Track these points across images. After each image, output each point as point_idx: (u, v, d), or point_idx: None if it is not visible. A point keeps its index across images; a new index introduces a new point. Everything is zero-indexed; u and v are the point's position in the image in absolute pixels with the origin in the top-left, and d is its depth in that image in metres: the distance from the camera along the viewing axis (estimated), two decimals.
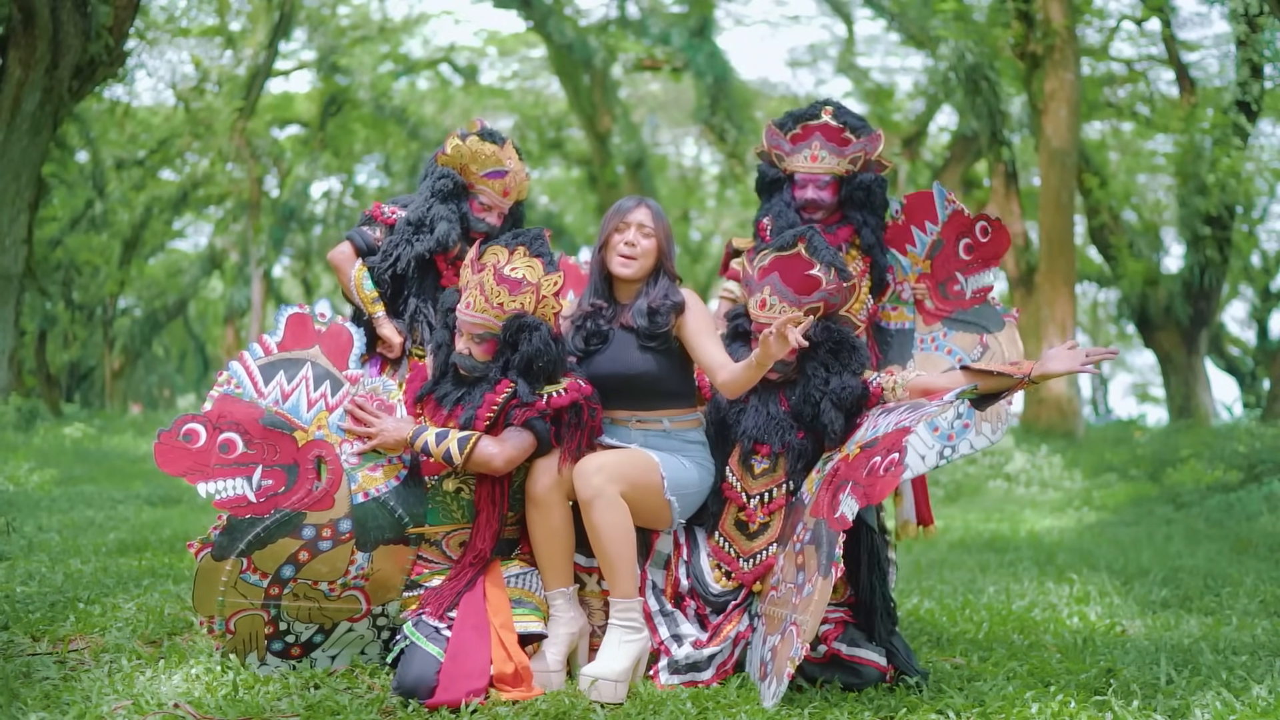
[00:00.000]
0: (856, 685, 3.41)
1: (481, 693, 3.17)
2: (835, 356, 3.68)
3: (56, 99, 13.15)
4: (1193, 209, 16.79)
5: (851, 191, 4.08)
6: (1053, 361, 3.35)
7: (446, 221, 4.08)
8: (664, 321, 3.65)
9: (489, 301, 3.54)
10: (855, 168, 4.10)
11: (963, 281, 3.96)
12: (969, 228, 3.95)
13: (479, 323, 3.53)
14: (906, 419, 3.32)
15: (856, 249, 4.09)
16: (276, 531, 3.41)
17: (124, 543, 5.87)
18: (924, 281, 4.03)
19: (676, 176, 30.29)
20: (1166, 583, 5.67)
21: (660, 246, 3.75)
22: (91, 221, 24.76)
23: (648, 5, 23.23)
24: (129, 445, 13.14)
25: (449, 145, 4.20)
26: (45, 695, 3.03)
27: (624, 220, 3.75)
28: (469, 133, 4.23)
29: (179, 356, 41.07)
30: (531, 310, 3.55)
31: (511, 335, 3.53)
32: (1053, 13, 15.31)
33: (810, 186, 4.08)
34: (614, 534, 3.40)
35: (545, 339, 3.53)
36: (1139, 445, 13.78)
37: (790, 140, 4.15)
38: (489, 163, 4.18)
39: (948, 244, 3.99)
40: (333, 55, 25.29)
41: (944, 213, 4.01)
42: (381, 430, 3.50)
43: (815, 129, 4.13)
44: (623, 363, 3.65)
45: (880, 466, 3.20)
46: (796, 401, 3.65)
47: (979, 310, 3.90)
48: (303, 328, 3.62)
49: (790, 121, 4.20)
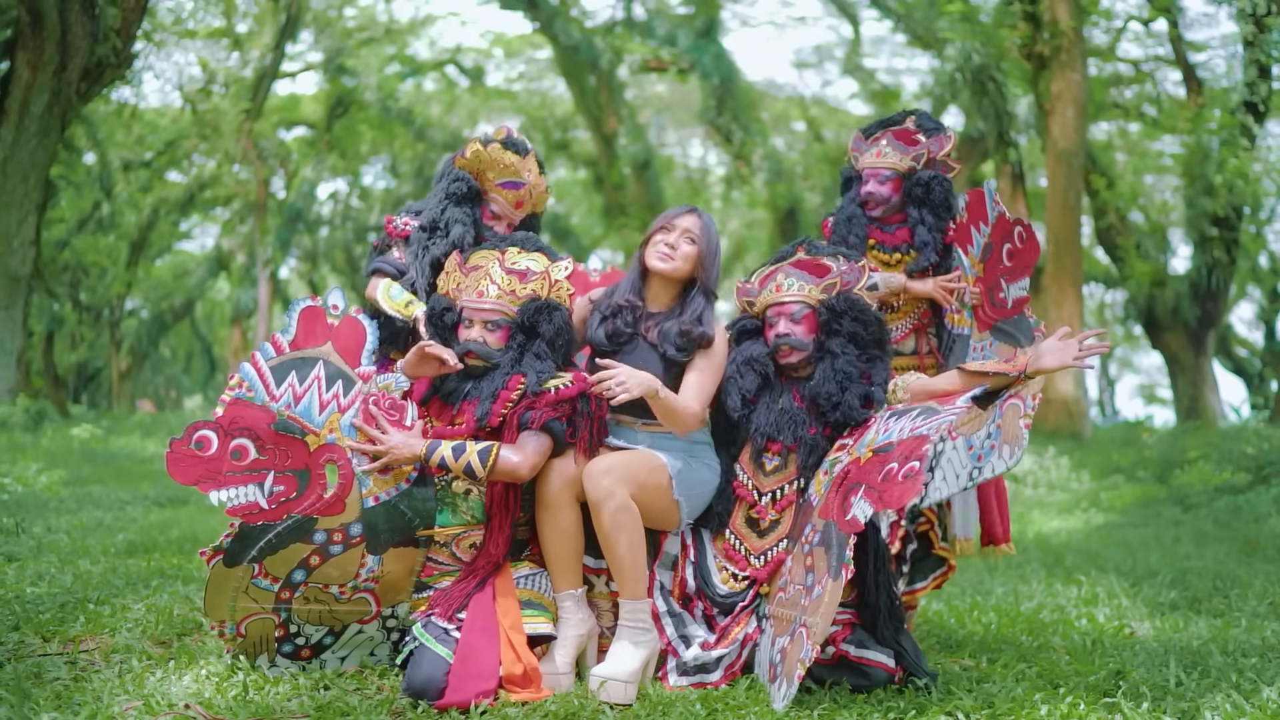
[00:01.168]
0: (865, 687, 3.40)
1: (490, 694, 3.17)
2: (864, 327, 3.68)
3: (64, 101, 13.19)
4: (1200, 210, 16.74)
5: (911, 188, 4.14)
6: (1046, 357, 3.29)
7: (461, 224, 4.04)
8: (689, 349, 3.68)
9: (502, 289, 3.59)
10: (918, 165, 4.15)
11: (1005, 289, 3.91)
12: (1010, 232, 3.90)
13: (493, 308, 3.58)
14: (922, 426, 3.30)
15: (915, 249, 4.12)
16: (288, 537, 3.40)
17: (133, 544, 5.88)
18: (978, 285, 4.01)
19: (683, 178, 30.26)
20: (1175, 584, 5.66)
21: (701, 256, 3.75)
22: (99, 223, 24.84)
23: (654, 6, 23.23)
24: (136, 446, 13.16)
25: (469, 150, 4.16)
26: (56, 696, 3.04)
27: (672, 222, 3.78)
28: (493, 139, 4.19)
29: (186, 358, 41.15)
30: (546, 294, 3.61)
31: (530, 318, 3.57)
32: (1059, 13, 15.29)
33: (872, 181, 4.16)
34: (624, 535, 3.41)
35: (565, 319, 3.61)
36: (1147, 447, 13.74)
37: (868, 141, 4.23)
38: (506, 173, 4.15)
39: (995, 248, 3.93)
40: (339, 57, 25.32)
41: (992, 214, 3.97)
42: (392, 446, 3.46)
43: (891, 130, 4.24)
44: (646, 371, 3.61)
45: (898, 473, 3.18)
46: (818, 383, 3.65)
47: (1017, 321, 3.85)
48: (316, 322, 3.57)
49: (875, 127, 4.32)
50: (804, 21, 32.69)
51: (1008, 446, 3.19)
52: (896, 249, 4.17)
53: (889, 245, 4.18)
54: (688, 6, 22.84)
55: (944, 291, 4.06)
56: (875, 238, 4.20)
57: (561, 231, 26.25)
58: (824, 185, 22.11)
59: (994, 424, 3.23)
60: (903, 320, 4.19)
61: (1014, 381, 3.37)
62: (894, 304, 4.17)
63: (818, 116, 27.06)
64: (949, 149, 4.20)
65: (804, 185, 22.08)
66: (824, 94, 29.18)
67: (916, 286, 4.10)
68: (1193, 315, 17.81)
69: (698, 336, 3.68)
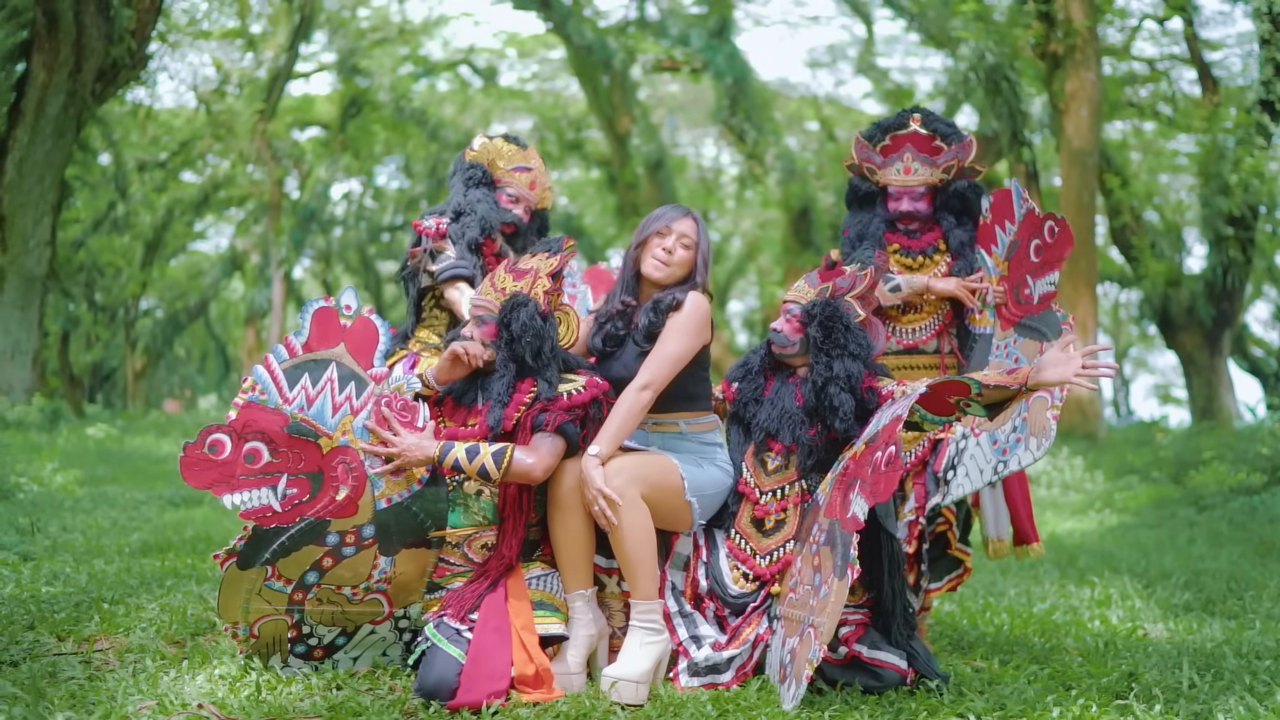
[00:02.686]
0: (876, 688, 3.40)
1: (502, 694, 3.18)
2: (828, 335, 3.65)
3: (80, 102, 13.26)
4: (1215, 209, 16.66)
5: (947, 200, 4.14)
6: (1047, 371, 3.28)
7: (484, 203, 4.25)
8: (659, 321, 3.65)
9: (494, 287, 3.62)
10: (949, 176, 4.13)
11: (1031, 285, 3.90)
12: (1040, 228, 3.89)
13: (480, 304, 3.61)
14: (899, 407, 3.31)
15: (941, 253, 4.11)
16: (301, 539, 3.41)
17: (147, 543, 5.91)
18: (1003, 284, 4.00)
19: (696, 177, 30.27)
20: (1189, 586, 5.64)
21: (697, 262, 3.74)
22: (114, 223, 24.94)
23: (667, 6, 23.23)
24: (151, 446, 13.21)
25: (476, 143, 4.43)
26: (71, 695, 3.06)
27: (668, 226, 3.74)
28: (495, 135, 4.48)
29: (200, 357, 41.30)
30: (526, 291, 3.61)
31: (505, 314, 3.56)
32: (1074, 12, 15.24)
33: (905, 199, 4.13)
34: (635, 535, 3.41)
35: (531, 314, 3.54)
36: (1161, 447, 13.68)
37: (881, 153, 4.19)
38: (515, 158, 4.41)
39: (1021, 245, 3.93)
40: (353, 57, 25.39)
41: (1020, 212, 3.96)
42: (404, 448, 3.46)
43: (905, 139, 4.18)
44: (632, 369, 3.62)
45: (881, 462, 3.18)
46: (807, 390, 3.66)
47: (1043, 316, 3.84)
48: (329, 323, 3.57)
49: (878, 133, 4.25)
50: (817, 21, 32.60)
51: (1034, 439, 3.17)
52: (922, 252, 4.16)
53: (914, 250, 4.17)
54: (701, 6, 22.83)
55: (966, 291, 4.05)
56: (900, 243, 4.18)
57: (575, 231, 26.26)
58: (837, 185, 22.02)
59: (1020, 416, 3.21)
60: (927, 320, 4.18)
61: (1015, 395, 3.35)
62: (918, 304, 4.17)
63: (831, 116, 27.04)
64: (974, 154, 4.18)
65: (817, 185, 22.03)
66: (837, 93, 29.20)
67: (939, 286, 4.08)
68: (1208, 315, 17.73)
69: (665, 306, 3.65)
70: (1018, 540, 4.20)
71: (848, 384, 3.58)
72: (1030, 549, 4.19)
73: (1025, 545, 4.18)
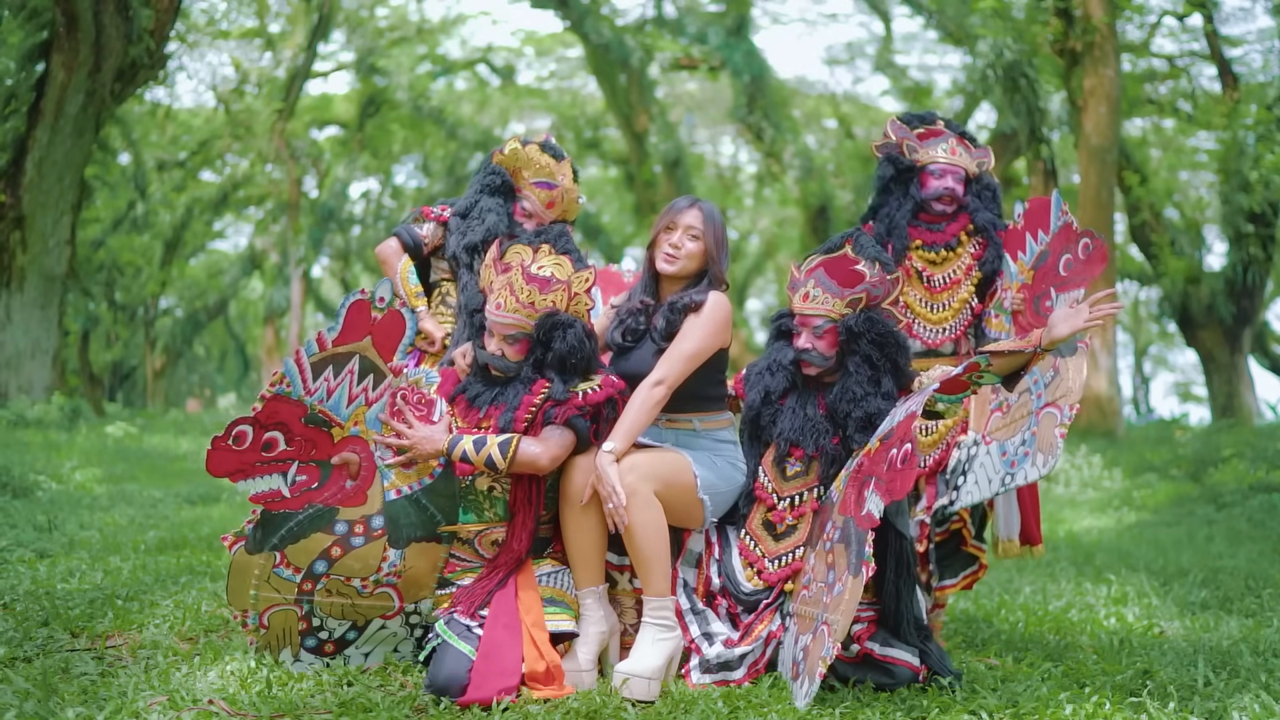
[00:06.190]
0: (889, 685, 3.39)
1: (513, 691, 3.18)
2: (880, 349, 3.63)
3: (99, 101, 13.32)
4: (1235, 206, 16.56)
5: (980, 190, 4.21)
6: (1059, 326, 3.31)
7: (494, 214, 4.19)
8: (677, 320, 3.63)
9: (520, 301, 3.54)
10: (980, 171, 4.25)
11: (1054, 299, 3.90)
12: (1074, 242, 3.90)
13: (511, 323, 3.54)
14: (913, 403, 3.30)
15: (964, 244, 4.12)
16: (309, 526, 3.44)
17: (163, 541, 5.93)
18: (1024, 292, 3.99)
19: (714, 175, 30.24)
20: (1206, 584, 5.61)
21: (708, 250, 3.72)
22: (133, 222, 25.05)
23: (684, 4, 23.19)
24: (170, 444, 13.25)
25: (508, 146, 4.33)
26: (83, 691, 3.07)
27: (674, 220, 3.74)
28: (532, 141, 4.35)
29: (219, 356, 41.48)
30: (564, 308, 3.56)
31: (545, 333, 3.52)
32: (1092, 9, 15.14)
33: (949, 176, 4.20)
34: (648, 532, 3.41)
35: (580, 336, 3.53)
36: (1180, 445, 13.60)
37: (918, 137, 4.23)
38: (541, 172, 4.29)
39: (1051, 256, 3.94)
40: (371, 56, 25.44)
41: (1056, 223, 3.96)
42: (416, 440, 3.48)
43: (942, 130, 4.27)
44: (649, 366, 3.61)
45: (897, 459, 3.17)
46: (834, 399, 3.63)
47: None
48: (361, 316, 3.55)
49: (915, 120, 4.34)
50: (835, 18, 32.54)
51: (1041, 455, 3.17)
52: (946, 245, 4.15)
53: (938, 244, 4.16)
54: (718, 4, 22.79)
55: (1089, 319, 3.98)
56: (922, 239, 4.17)
57: (593, 230, 26.26)
58: (855, 183, 22.02)
59: (1029, 430, 3.21)
60: (951, 321, 4.17)
61: (1033, 358, 3.36)
62: (945, 302, 4.18)
63: (849, 114, 26.98)
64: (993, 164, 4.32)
65: (835, 183, 21.98)
66: (855, 91, 29.02)
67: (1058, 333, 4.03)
68: (1228, 312, 17.62)
69: (683, 306, 3.64)
70: (1021, 540, 4.19)
71: (892, 399, 3.58)
72: (1032, 550, 4.18)
73: (1028, 545, 4.18)
